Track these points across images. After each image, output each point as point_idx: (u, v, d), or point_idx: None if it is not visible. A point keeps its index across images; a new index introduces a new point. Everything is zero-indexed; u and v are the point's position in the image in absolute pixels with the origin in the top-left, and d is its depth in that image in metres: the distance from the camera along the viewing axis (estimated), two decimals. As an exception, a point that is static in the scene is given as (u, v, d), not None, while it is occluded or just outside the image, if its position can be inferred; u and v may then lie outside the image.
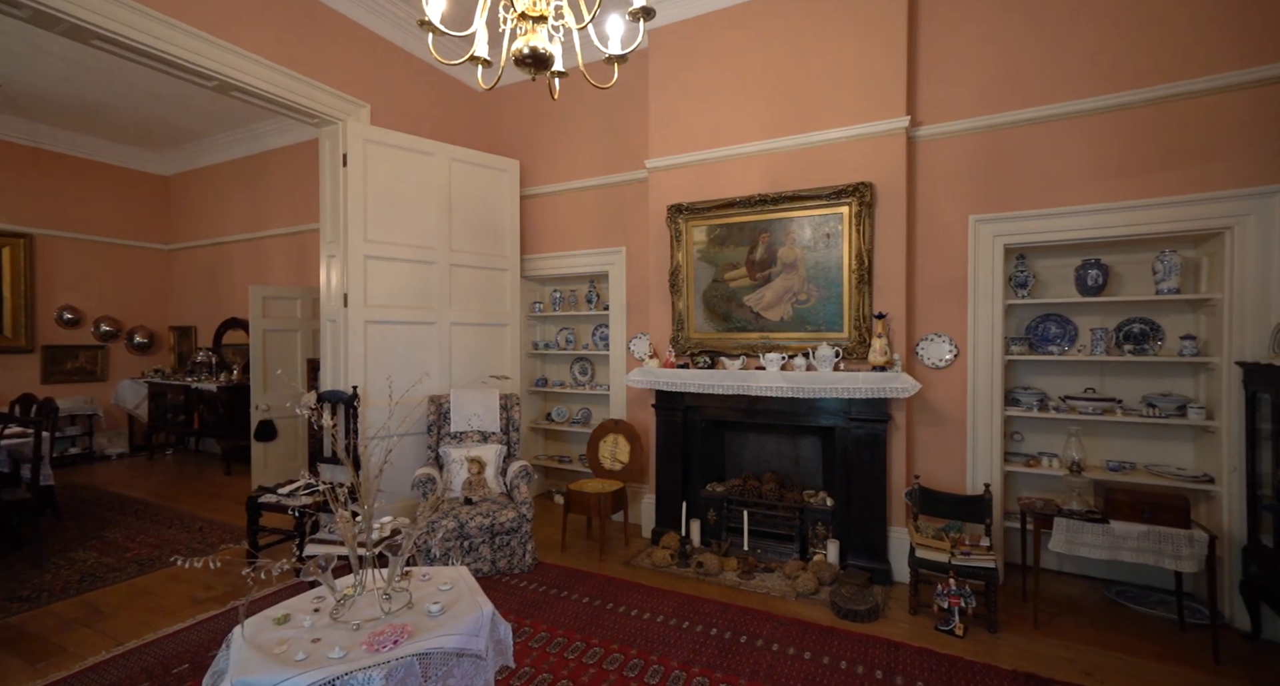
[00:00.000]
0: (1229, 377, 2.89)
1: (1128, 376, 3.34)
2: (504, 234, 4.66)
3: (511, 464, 3.75)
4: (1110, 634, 2.78)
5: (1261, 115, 2.79)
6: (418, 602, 1.77)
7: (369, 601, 1.75)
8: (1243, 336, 2.85)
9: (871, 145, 3.41)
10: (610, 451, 4.15)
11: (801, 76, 3.60)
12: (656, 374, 3.84)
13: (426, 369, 4.20)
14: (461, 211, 4.39)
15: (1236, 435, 2.86)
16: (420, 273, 4.19)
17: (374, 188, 3.95)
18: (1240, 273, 2.85)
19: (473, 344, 4.46)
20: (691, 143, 3.96)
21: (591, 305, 4.82)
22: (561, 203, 4.78)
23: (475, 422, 3.89)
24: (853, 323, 3.43)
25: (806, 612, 2.97)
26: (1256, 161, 2.80)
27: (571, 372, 5.14)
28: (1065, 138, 3.16)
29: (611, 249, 4.54)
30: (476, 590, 1.87)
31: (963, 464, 3.39)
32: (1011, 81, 3.26)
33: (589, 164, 4.64)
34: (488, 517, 3.31)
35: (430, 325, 4.23)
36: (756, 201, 3.64)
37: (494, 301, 4.61)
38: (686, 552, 3.61)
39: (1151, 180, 3.00)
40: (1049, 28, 3.18)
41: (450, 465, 3.69)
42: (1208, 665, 2.53)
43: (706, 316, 3.89)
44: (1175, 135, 2.95)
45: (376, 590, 1.77)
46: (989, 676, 2.39)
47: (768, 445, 4.01)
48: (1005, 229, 3.29)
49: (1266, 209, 2.79)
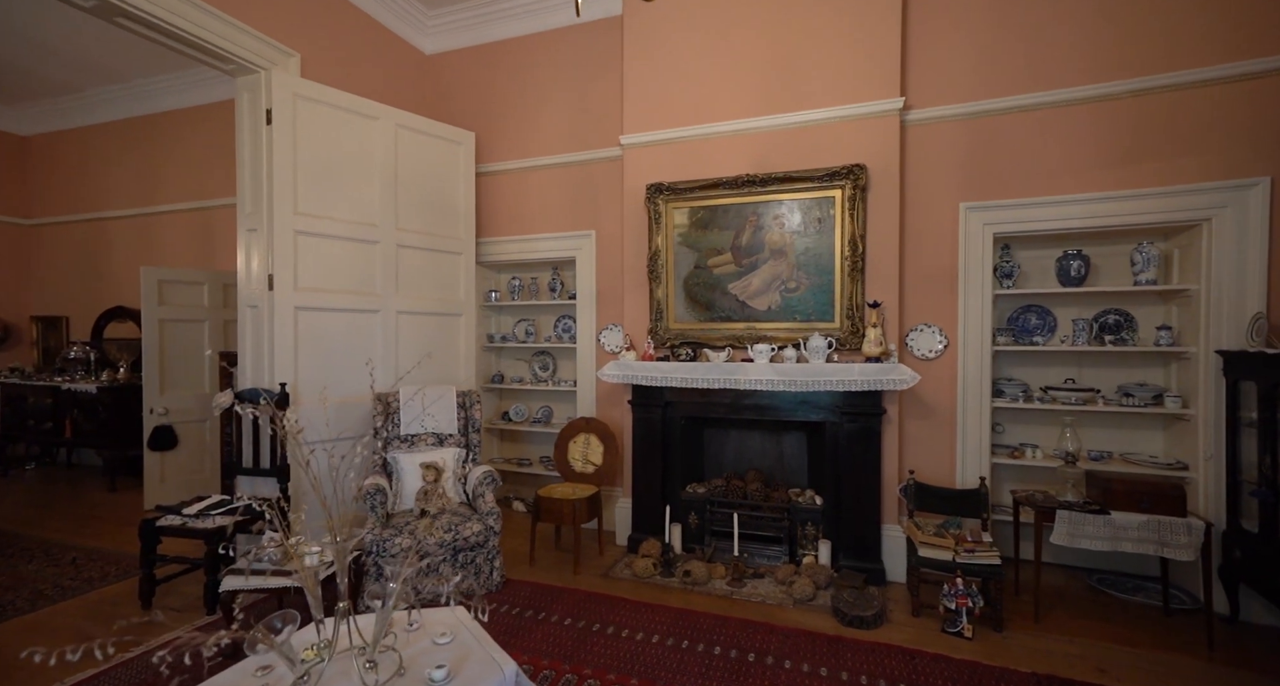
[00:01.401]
0: (1206, 366, 2.95)
1: (1102, 367, 3.38)
2: (458, 213, 4.18)
3: (473, 469, 3.31)
4: (1106, 625, 2.75)
5: (1239, 110, 2.86)
6: (412, 665, 1.36)
7: (343, 670, 1.32)
8: (1220, 326, 2.92)
9: (864, 126, 3.27)
10: (581, 452, 3.79)
11: (791, 51, 3.41)
12: (634, 367, 3.52)
13: (369, 363, 3.67)
14: (410, 186, 3.88)
15: (1213, 423, 2.93)
16: (362, 253, 3.64)
17: (306, 152, 3.38)
18: (1218, 264, 2.92)
19: (423, 335, 3.95)
20: (671, 118, 3.68)
21: (555, 294, 4.43)
22: (523, 181, 4.36)
23: (430, 424, 3.41)
24: (844, 312, 3.27)
25: (809, 621, 2.76)
26: (1234, 155, 2.87)
27: (531, 368, 4.72)
28: (1053, 126, 3.14)
29: (580, 233, 4.17)
30: (485, 639, 1.49)
31: (952, 457, 3.31)
32: (1001, 67, 3.21)
33: (554, 139, 4.25)
34: (449, 532, 2.87)
35: (374, 313, 3.69)
36: (743, 183, 3.40)
37: (447, 288, 4.12)
38: (670, 561, 3.32)
39: (1136, 171, 3.03)
40: (1037, 12, 3.15)
41: (401, 473, 3.21)
42: (1202, 652, 2.54)
43: (688, 305, 3.61)
44: (1158, 127, 2.98)
45: (353, 653, 1.34)
46: (1009, 680, 2.27)
47: (750, 442, 3.79)
48: (995, 218, 3.23)
49: (1242, 202, 2.86)
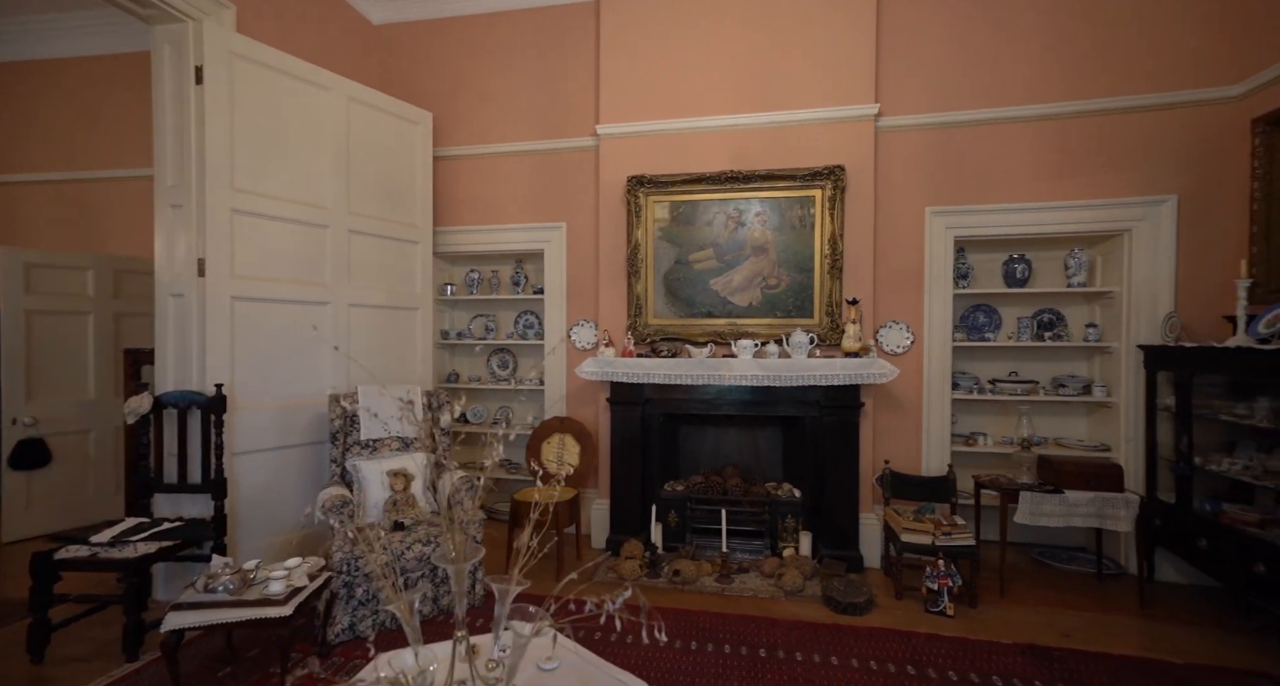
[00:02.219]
0: (1127, 360, 3.35)
1: (1039, 361, 3.74)
2: (415, 199, 3.85)
3: (444, 475, 3.06)
4: (1057, 593, 3.04)
5: (1155, 134, 3.26)
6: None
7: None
8: (1138, 324, 3.32)
9: (841, 130, 3.38)
10: (556, 453, 3.62)
11: (771, 51, 3.46)
12: (615, 364, 3.42)
13: (318, 362, 3.28)
14: (363, 167, 3.52)
15: (1134, 409, 3.32)
16: (310, 238, 3.25)
17: (245, 121, 2.96)
18: (1137, 270, 3.32)
19: (376, 331, 3.60)
20: (650, 111, 3.61)
21: (519, 288, 4.21)
22: (485, 167, 4.10)
23: (393, 427, 3.11)
24: (824, 308, 3.37)
25: (804, 612, 2.81)
26: (1150, 174, 3.27)
27: (489, 366, 4.46)
28: (1006, 140, 3.42)
29: (549, 224, 3.99)
30: (598, 661, 1.34)
31: (919, 446, 3.52)
32: (961, 83, 3.45)
33: (522, 125, 4.03)
34: (429, 544, 2.62)
35: (323, 306, 3.31)
36: (726, 179, 3.41)
37: (402, 280, 3.78)
38: (655, 561, 3.25)
39: (1071, 184, 3.37)
40: (994, 36, 3.42)
41: (364, 482, 2.89)
42: (1136, 610, 2.87)
43: (668, 301, 3.56)
44: (1091, 146, 3.34)
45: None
46: (997, 653, 2.43)
47: (726, 439, 3.81)
48: (956, 222, 3.47)
49: (1156, 216, 3.27)
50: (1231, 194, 3.13)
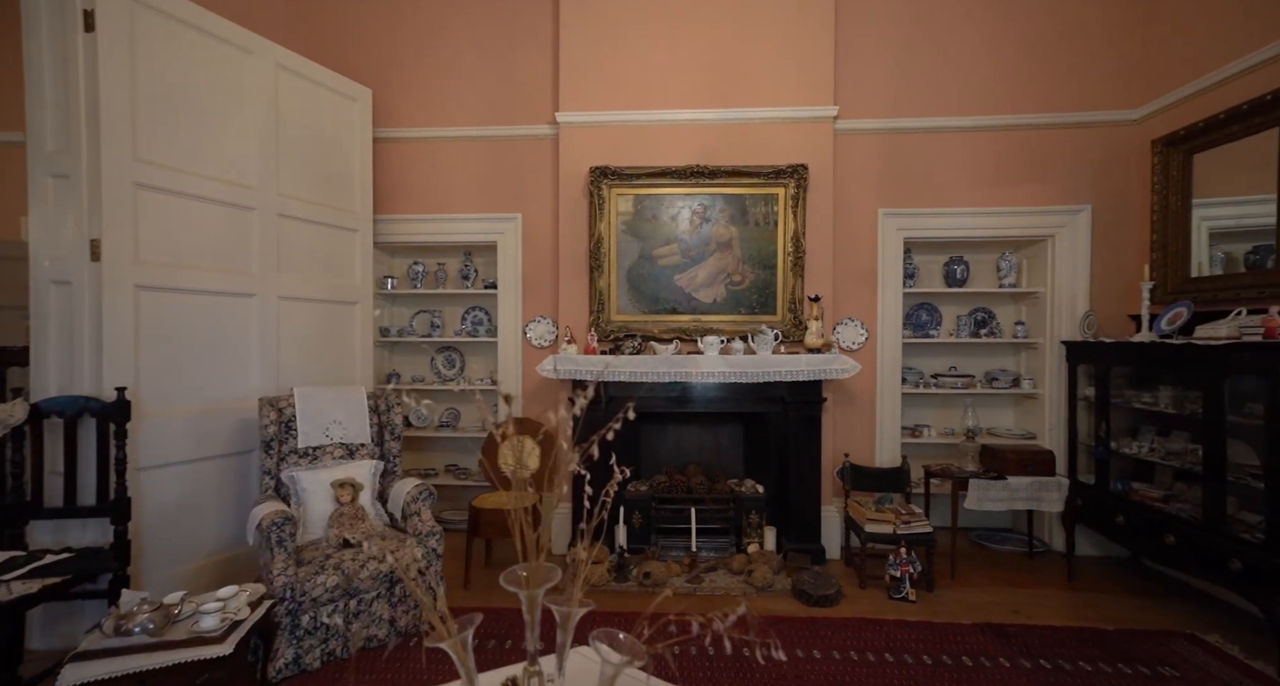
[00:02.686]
0: (1051, 354, 3.66)
1: (972, 356, 4.01)
2: (353, 183, 3.51)
3: (395, 484, 2.79)
4: (999, 572, 3.25)
5: (1074, 149, 3.58)
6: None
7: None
8: (1061, 322, 3.63)
9: (802, 130, 3.45)
10: (515, 456, 3.41)
11: (736, 50, 3.46)
12: (577, 361, 3.28)
13: (243, 361, 2.89)
14: (295, 144, 3.15)
15: (1057, 399, 3.64)
16: (233, 221, 2.86)
17: (151, 80, 2.55)
18: (1059, 272, 3.63)
19: (310, 327, 3.24)
20: (613, 100, 3.50)
21: (468, 282, 3.95)
22: (432, 152, 3.81)
23: (336, 433, 2.80)
24: (786, 305, 3.42)
25: (778, 607, 2.82)
26: (1070, 185, 3.59)
27: (434, 366, 4.16)
28: (949, 148, 3.62)
29: (503, 216, 3.77)
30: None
31: (872, 439, 3.65)
32: (911, 91, 3.61)
33: (472, 110, 3.79)
34: (385, 561, 2.37)
35: (248, 298, 2.92)
36: (691, 173, 3.37)
37: (339, 271, 3.43)
38: (623, 564, 3.15)
39: (1004, 192, 3.63)
40: (939, 49, 3.61)
41: (303, 495, 2.57)
42: (1065, 583, 3.13)
43: (632, 297, 3.47)
44: (1022, 157, 3.61)
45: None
46: (961, 633, 2.55)
47: (688, 436, 3.78)
48: (905, 223, 3.64)
49: (1074, 223, 3.60)
50: (1136, 206, 3.50)
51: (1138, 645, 2.47)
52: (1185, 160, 3.23)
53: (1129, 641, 2.50)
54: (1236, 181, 3.00)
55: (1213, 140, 3.07)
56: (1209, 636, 2.57)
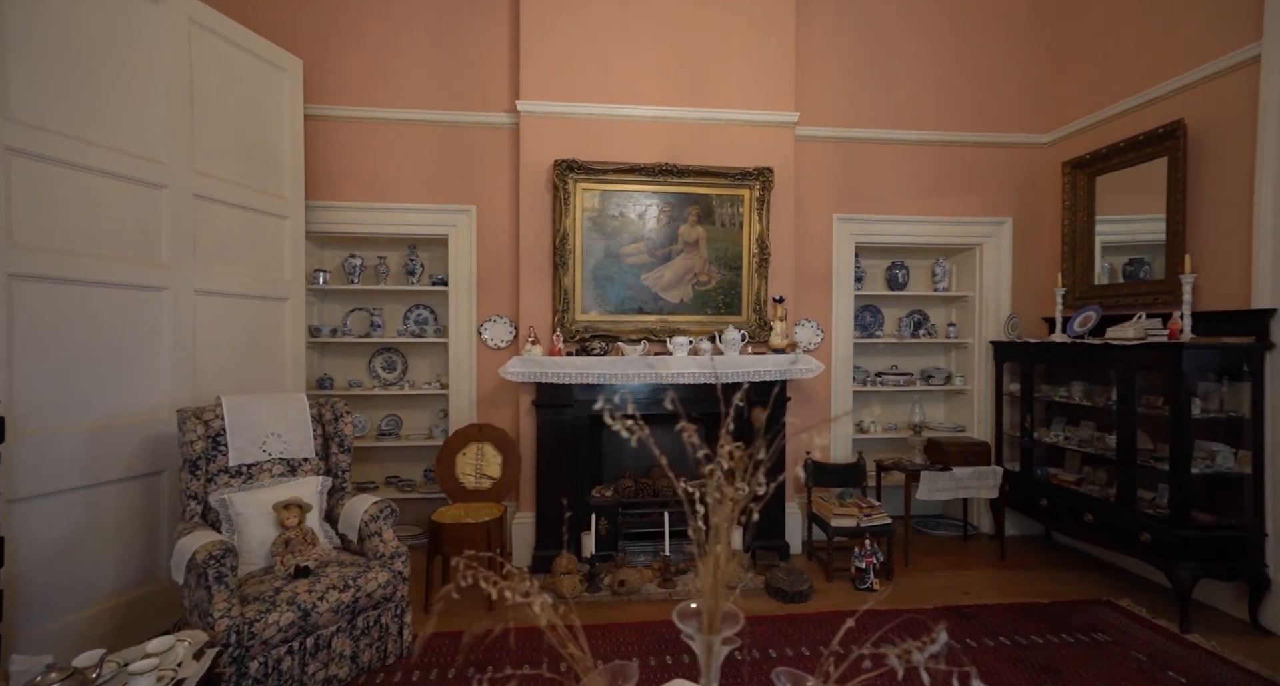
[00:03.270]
0: (980, 353, 3.99)
1: (908, 355, 4.29)
2: (282, 164, 3.11)
3: (346, 502, 2.50)
4: (943, 557, 3.49)
5: (998, 166, 3.93)
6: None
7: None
8: (987, 324, 3.97)
9: (766, 134, 3.50)
10: (474, 466, 3.19)
11: (702, 50, 3.45)
12: (544, 363, 3.12)
13: (153, 367, 2.46)
14: (214, 115, 2.73)
15: (985, 394, 3.97)
16: (139, 201, 2.42)
17: (23, 23, 2.10)
18: (986, 278, 3.97)
19: (233, 326, 2.83)
20: (577, 92, 3.37)
21: (414, 278, 3.64)
22: (374, 135, 3.47)
23: (275, 447, 2.45)
24: (752, 306, 3.46)
25: (753, 606, 2.83)
26: (996, 199, 3.94)
27: (371, 368, 3.80)
28: (894, 159, 3.84)
29: (456, 207, 3.51)
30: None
31: (828, 436, 3.79)
32: (861, 104, 3.79)
33: (418, 90, 3.49)
34: (348, 589, 2.10)
35: (158, 292, 2.49)
36: (660, 171, 3.32)
37: (268, 263, 3.03)
38: (594, 573, 3.04)
39: (940, 203, 3.91)
40: (888, 67, 3.82)
41: (238, 519, 2.23)
42: (999, 562, 3.42)
43: (597, 296, 3.36)
44: (957, 171, 3.90)
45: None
46: (927, 619, 2.69)
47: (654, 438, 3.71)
48: (856, 229, 3.82)
49: (999, 234, 3.95)
50: (1049, 219, 3.90)
51: (1072, 616, 2.74)
52: (1089, 181, 3.64)
53: (1065, 613, 2.77)
54: (1132, 202, 3.43)
55: (1113, 165, 3.48)
56: (1121, 601, 2.90)
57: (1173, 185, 3.10)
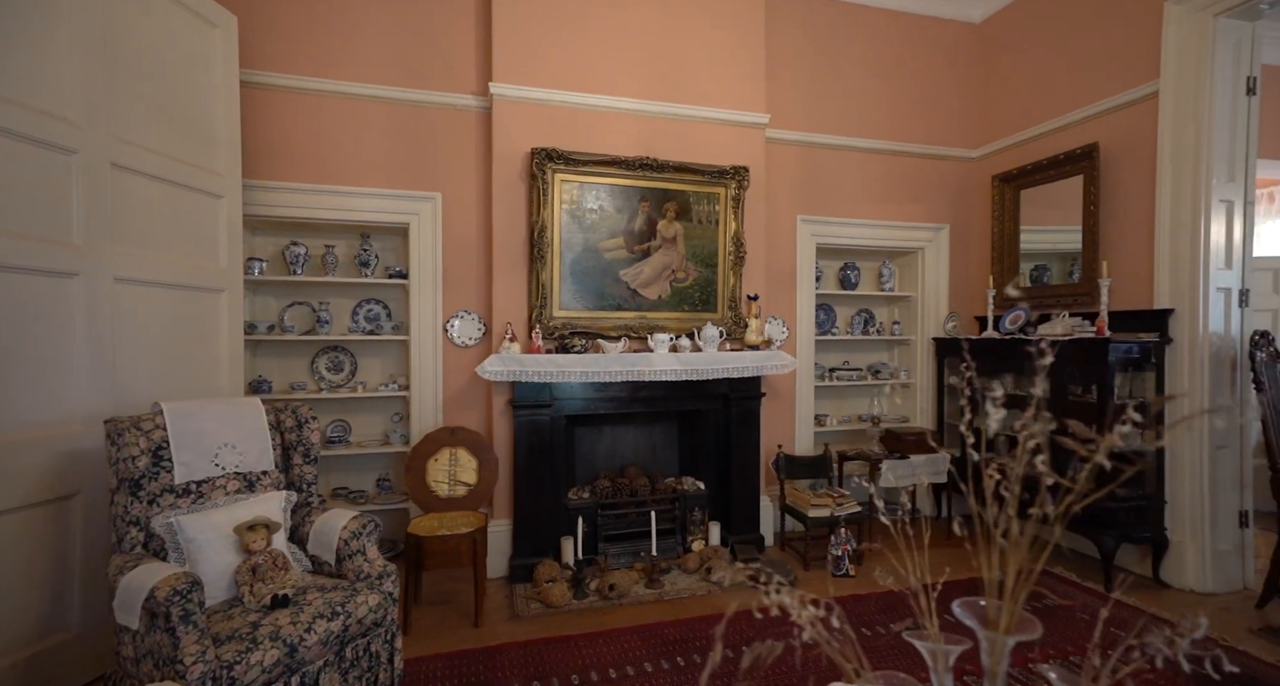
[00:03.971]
0: (923, 349, 4.31)
1: (857, 352, 4.54)
2: (216, 135, 2.70)
3: (318, 518, 2.21)
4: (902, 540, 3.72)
5: (939, 177, 4.26)
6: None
7: None
8: (927, 322, 4.30)
9: (739, 133, 3.55)
10: (447, 472, 2.95)
11: (678, 45, 3.43)
12: (524, 362, 2.96)
13: (63, 368, 2.04)
14: (135, 73, 2.31)
15: (927, 387, 4.30)
16: (42, 167, 2.00)
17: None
18: (927, 279, 4.30)
19: (159, 321, 2.41)
20: (552, 78, 3.23)
21: (369, 270, 3.31)
22: (322, 110, 3.12)
23: (229, 459, 2.12)
24: (727, 303, 3.50)
25: (743, 599, 2.86)
26: (936, 206, 4.27)
27: (314, 369, 3.41)
28: (850, 165, 4.05)
29: (418, 194, 3.24)
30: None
31: (793, 429, 3.92)
32: (822, 111, 3.96)
33: (374, 65, 3.18)
34: (336, 617, 1.85)
35: (68, 279, 2.07)
36: (640, 165, 3.26)
37: (200, 249, 2.62)
38: (579, 579, 2.92)
39: (888, 208, 4.18)
40: (843, 78, 4.01)
41: (191, 547, 1.90)
42: (944, 541, 3.70)
43: (575, 292, 3.24)
44: (904, 179, 4.19)
45: None
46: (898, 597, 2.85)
47: (623, 438, 3.65)
48: (817, 230, 3.98)
49: (938, 239, 4.29)
50: (980, 226, 4.29)
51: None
52: (1015, 194, 4.05)
53: (1014, 583, 3.05)
54: (1051, 214, 3.85)
55: (1035, 180, 3.89)
56: (1055, 568, 3.25)
57: (1088, 199, 3.51)
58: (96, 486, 2.13)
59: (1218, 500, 3.03)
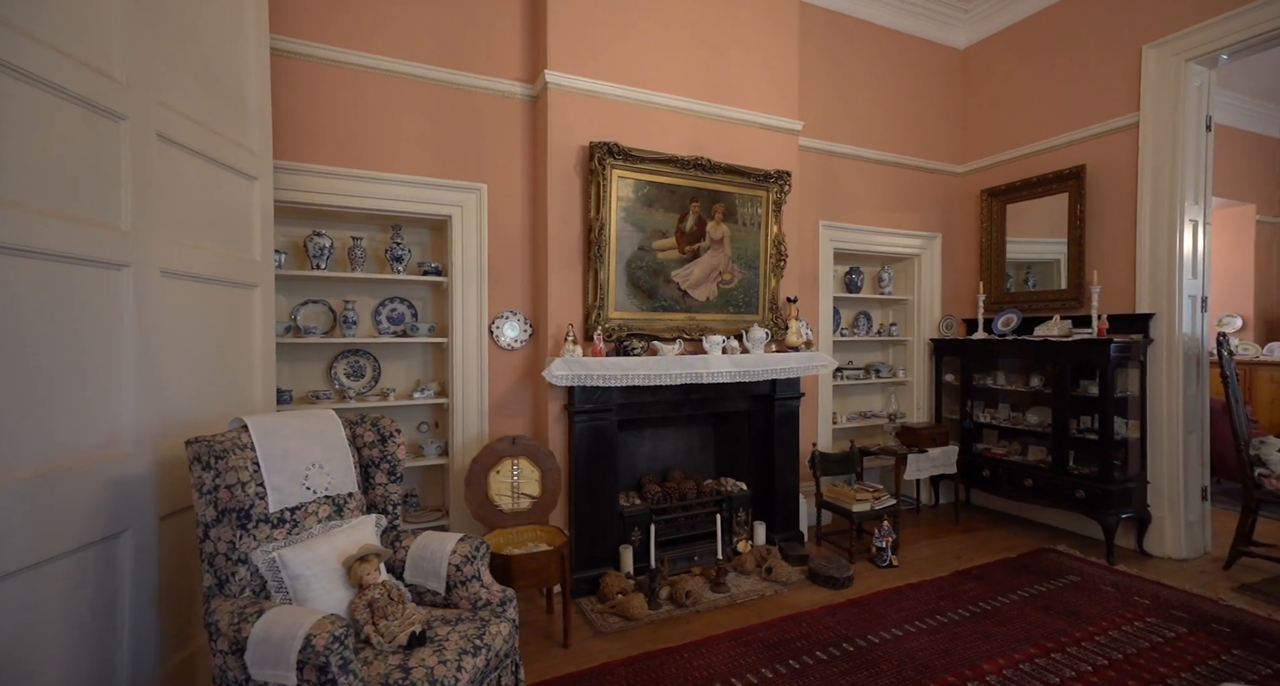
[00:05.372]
0: (919, 349, 4.60)
1: (854, 351, 4.77)
2: (247, 106, 2.34)
3: (414, 543, 1.98)
4: (919, 528, 3.95)
5: (932, 188, 4.57)
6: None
7: None
8: (923, 323, 4.60)
9: (777, 138, 3.61)
10: (509, 485, 2.75)
11: (720, 46, 3.42)
12: (589, 365, 2.83)
13: (112, 380, 1.69)
14: (172, 28, 1.95)
15: (923, 384, 4.60)
16: (91, 134, 1.64)
17: None
18: (923, 283, 4.60)
19: (195, 322, 2.06)
20: (605, 70, 3.11)
21: (401, 266, 3.01)
22: (358, 86, 2.80)
23: (319, 481, 1.85)
24: (768, 305, 3.54)
25: (817, 597, 2.91)
26: (930, 216, 4.58)
27: (332, 375, 3.05)
28: (860, 175, 4.25)
29: (462, 184, 2.99)
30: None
31: (814, 427, 4.04)
32: (837, 123, 4.12)
33: (414, 40, 2.90)
34: (479, 651, 1.67)
35: (117, 271, 1.71)
36: (692, 165, 3.22)
37: (232, 238, 2.26)
38: (653, 588, 2.84)
39: (888, 216, 4.42)
40: (852, 95, 4.19)
41: (296, 584, 1.64)
42: (954, 528, 3.99)
43: (630, 292, 3.14)
44: (902, 189, 4.45)
45: None
46: (955, 584, 3.03)
47: (662, 441, 3.59)
48: (836, 236, 4.13)
49: (932, 246, 4.60)
50: (966, 236, 4.65)
51: (1042, 564, 3.32)
52: (1002, 208, 4.43)
53: (1036, 562, 3.34)
54: (1034, 227, 4.25)
55: (1022, 196, 4.28)
56: (1058, 547, 3.59)
57: (1073, 214, 3.92)
58: (146, 521, 1.78)
59: (1188, 478, 3.50)
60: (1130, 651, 2.38)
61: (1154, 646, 2.42)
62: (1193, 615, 2.69)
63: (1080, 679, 2.18)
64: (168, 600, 1.87)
